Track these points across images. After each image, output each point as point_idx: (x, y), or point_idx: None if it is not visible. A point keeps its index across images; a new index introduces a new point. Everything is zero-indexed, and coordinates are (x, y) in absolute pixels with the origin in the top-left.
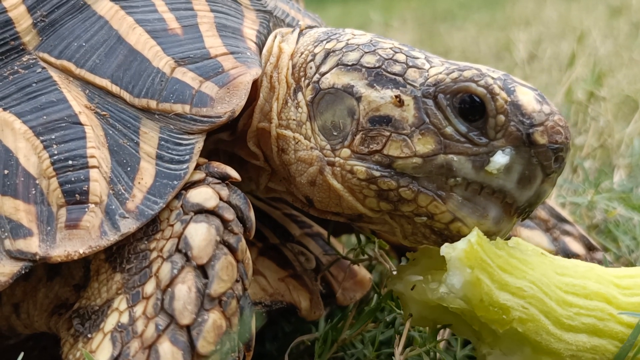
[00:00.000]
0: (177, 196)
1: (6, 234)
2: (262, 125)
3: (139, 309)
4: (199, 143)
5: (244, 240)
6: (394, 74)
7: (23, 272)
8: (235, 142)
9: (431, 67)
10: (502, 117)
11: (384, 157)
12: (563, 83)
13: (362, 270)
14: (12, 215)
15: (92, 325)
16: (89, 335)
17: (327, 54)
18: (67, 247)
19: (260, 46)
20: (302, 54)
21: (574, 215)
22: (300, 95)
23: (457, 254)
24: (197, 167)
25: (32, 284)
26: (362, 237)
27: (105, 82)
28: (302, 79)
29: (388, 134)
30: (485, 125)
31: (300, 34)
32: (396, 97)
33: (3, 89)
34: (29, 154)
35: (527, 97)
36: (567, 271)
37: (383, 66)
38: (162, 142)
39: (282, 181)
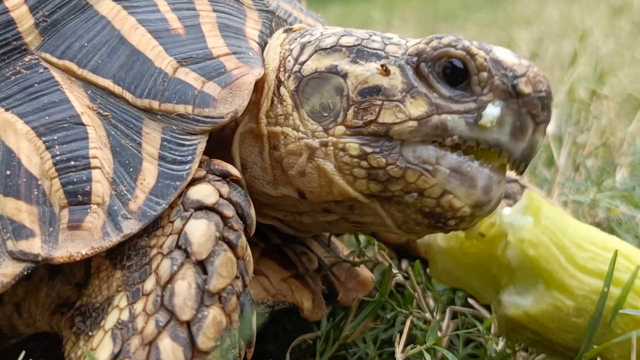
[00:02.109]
0: (179, 193)
1: (8, 235)
2: (250, 127)
3: (139, 306)
4: (201, 144)
5: (244, 237)
6: (375, 48)
7: (25, 273)
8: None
9: (407, 42)
10: (484, 74)
11: (379, 125)
12: (565, 82)
13: (364, 271)
14: (15, 216)
15: (92, 323)
16: (90, 333)
17: (303, 46)
18: (70, 248)
19: (263, 46)
20: (280, 53)
21: (576, 213)
22: (282, 89)
23: None
24: (199, 164)
25: (34, 283)
26: (362, 238)
27: (107, 83)
28: (282, 73)
29: (380, 102)
30: (469, 84)
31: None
32: (382, 66)
33: (5, 89)
34: (31, 154)
35: (504, 54)
36: (590, 229)
37: (362, 43)
38: (165, 143)
39: (260, 194)
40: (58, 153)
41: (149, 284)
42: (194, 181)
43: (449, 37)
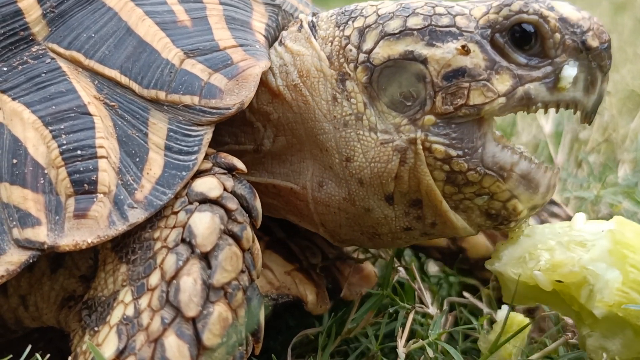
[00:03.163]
0: (185, 184)
1: (14, 223)
2: (313, 139)
3: (144, 302)
4: (207, 134)
5: (249, 229)
6: (446, 26)
7: (31, 260)
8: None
9: (470, 9)
10: (557, 35)
11: (470, 108)
12: None
13: (368, 266)
14: (21, 204)
15: (98, 317)
16: (96, 328)
17: (362, 31)
18: (76, 236)
19: (269, 39)
20: (331, 42)
21: (579, 209)
22: (349, 83)
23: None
24: (205, 157)
25: (37, 276)
26: None
27: (114, 73)
28: (345, 64)
29: (467, 84)
30: (543, 48)
31: (312, 25)
32: (463, 47)
33: (12, 79)
34: (38, 143)
35: (567, 9)
36: None
37: (432, 23)
38: (171, 133)
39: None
40: (65, 142)
41: (154, 278)
42: (200, 173)
43: (517, 3)
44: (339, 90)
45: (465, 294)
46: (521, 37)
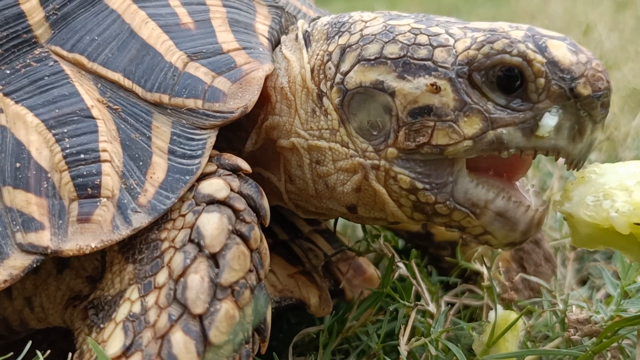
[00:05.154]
0: (189, 187)
1: (18, 227)
2: (283, 143)
3: (151, 299)
4: (211, 138)
5: (257, 229)
6: (422, 59)
7: (34, 265)
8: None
9: (456, 41)
10: (541, 80)
11: (432, 147)
12: None
13: (370, 268)
14: (24, 208)
15: (105, 315)
16: (102, 326)
17: (343, 50)
18: (79, 241)
19: (273, 42)
20: (317, 55)
21: None
22: (326, 101)
23: None
24: (209, 159)
25: (42, 277)
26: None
27: (117, 76)
28: (323, 81)
29: (432, 123)
30: (526, 91)
31: (307, 35)
32: (432, 84)
33: (15, 82)
34: (41, 147)
35: (561, 51)
36: None
37: (408, 54)
38: (175, 137)
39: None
40: (68, 146)
41: (161, 277)
42: (205, 176)
43: (501, 41)
44: (318, 105)
45: (467, 285)
46: (502, 78)
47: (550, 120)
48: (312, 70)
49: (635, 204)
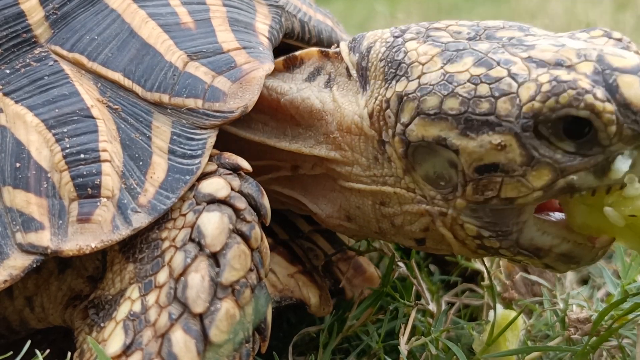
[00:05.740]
0: (190, 187)
1: (18, 227)
2: (344, 184)
3: (151, 298)
4: (211, 138)
5: (257, 228)
6: (484, 114)
7: (35, 265)
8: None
9: (519, 86)
10: (612, 128)
11: (502, 200)
12: None
13: (370, 267)
14: (24, 208)
15: (105, 315)
16: (102, 325)
17: (401, 99)
18: (79, 241)
19: (273, 41)
20: (376, 98)
21: None
22: (389, 149)
23: None
24: (209, 158)
25: (44, 277)
26: None
27: (117, 76)
28: (384, 130)
29: (500, 179)
30: (596, 137)
31: (363, 71)
32: (497, 144)
33: (15, 81)
34: (41, 147)
35: (634, 91)
36: None
37: (469, 109)
38: (175, 137)
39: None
40: (68, 146)
41: (162, 276)
42: (206, 175)
43: (567, 93)
44: (380, 152)
45: (467, 285)
46: (570, 127)
47: (622, 165)
48: (370, 116)
49: (627, 197)
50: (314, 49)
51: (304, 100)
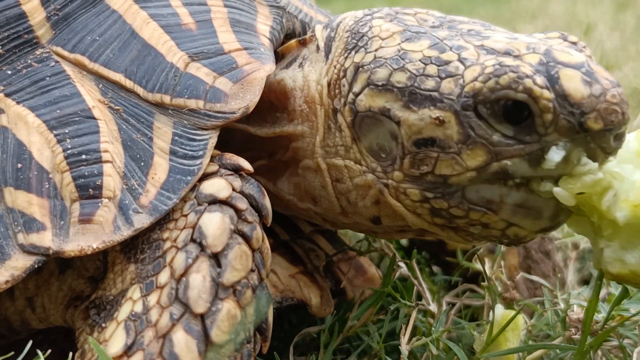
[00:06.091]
0: (191, 187)
1: (19, 228)
2: (308, 164)
3: (152, 298)
4: (212, 139)
5: (259, 229)
6: (428, 90)
7: (36, 266)
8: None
9: (466, 69)
10: (548, 115)
11: (436, 177)
12: None
13: (371, 267)
14: (25, 209)
15: (107, 315)
16: (103, 325)
17: (357, 69)
18: (81, 241)
19: (274, 42)
20: (335, 68)
21: None
22: (340, 117)
23: None
24: (211, 159)
25: (44, 277)
26: None
27: (118, 77)
28: (337, 98)
29: (435, 154)
30: (533, 124)
31: (329, 41)
32: (436, 118)
33: (16, 82)
34: (43, 147)
35: (573, 84)
36: None
37: (415, 84)
38: (176, 138)
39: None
40: (69, 147)
41: (163, 276)
42: (207, 176)
43: (508, 76)
44: (332, 120)
45: (468, 285)
46: (509, 109)
47: (555, 155)
48: (328, 85)
49: (576, 174)
50: (293, 41)
51: (279, 82)
